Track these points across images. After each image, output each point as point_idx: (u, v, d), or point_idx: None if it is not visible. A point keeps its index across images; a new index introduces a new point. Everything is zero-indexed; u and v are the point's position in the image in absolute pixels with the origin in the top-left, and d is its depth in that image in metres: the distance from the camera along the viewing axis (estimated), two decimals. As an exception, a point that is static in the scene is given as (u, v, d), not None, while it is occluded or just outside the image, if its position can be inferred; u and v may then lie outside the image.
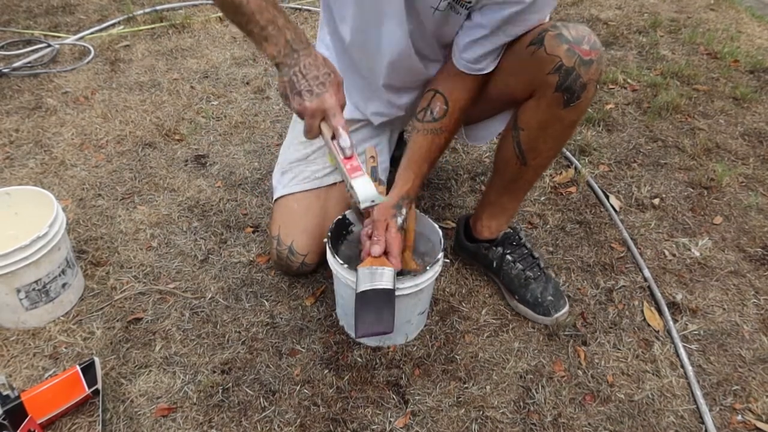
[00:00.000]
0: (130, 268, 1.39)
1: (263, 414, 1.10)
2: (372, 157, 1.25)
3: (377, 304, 1.06)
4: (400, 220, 1.16)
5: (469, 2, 1.08)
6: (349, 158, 0.99)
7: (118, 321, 1.26)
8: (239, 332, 1.25)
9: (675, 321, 1.31)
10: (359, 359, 1.20)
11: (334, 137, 0.99)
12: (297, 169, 1.36)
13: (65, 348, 1.20)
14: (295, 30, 0.98)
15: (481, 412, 1.11)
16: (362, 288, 1.07)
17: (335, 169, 1.37)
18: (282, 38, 0.97)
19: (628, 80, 2.23)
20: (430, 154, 1.21)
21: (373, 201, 0.98)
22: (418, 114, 1.22)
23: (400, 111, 1.36)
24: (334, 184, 1.35)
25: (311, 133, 1.01)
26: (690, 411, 1.14)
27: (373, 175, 1.21)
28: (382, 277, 1.07)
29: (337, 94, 0.98)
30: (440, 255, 1.14)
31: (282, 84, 1.00)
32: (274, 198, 1.38)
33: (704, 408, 1.13)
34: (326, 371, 1.17)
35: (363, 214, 1.21)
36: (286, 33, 0.97)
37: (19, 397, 1.02)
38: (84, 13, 2.64)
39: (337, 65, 1.25)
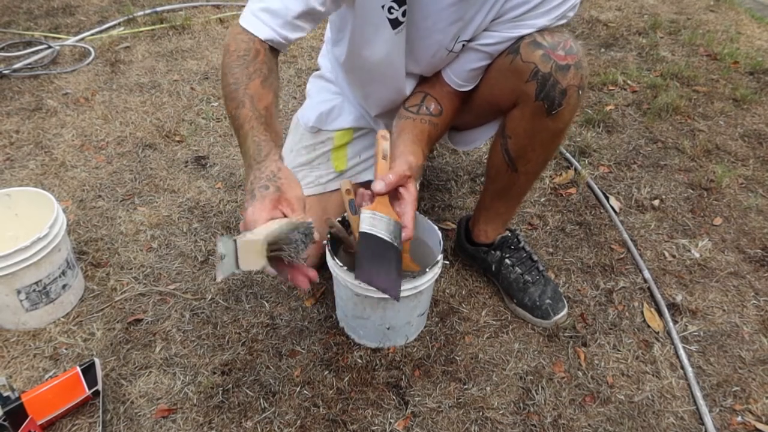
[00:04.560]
0: (131, 269, 1.39)
1: (263, 415, 1.10)
2: (348, 189, 1.15)
3: (382, 255, 0.98)
4: (417, 184, 1.08)
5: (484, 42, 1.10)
6: None
7: (118, 322, 1.26)
8: (239, 333, 1.25)
9: (675, 322, 1.31)
10: (359, 360, 1.20)
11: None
12: (301, 174, 1.36)
13: (65, 349, 1.20)
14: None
15: (481, 413, 1.11)
16: (364, 229, 0.98)
17: (339, 175, 1.38)
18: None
19: (628, 81, 2.23)
20: (430, 140, 1.18)
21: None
22: (411, 108, 1.20)
23: None
24: (337, 189, 1.35)
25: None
26: (690, 412, 1.14)
27: (351, 209, 1.14)
28: (381, 224, 0.98)
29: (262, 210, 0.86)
30: (439, 257, 1.14)
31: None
32: None
33: (704, 409, 1.13)
34: (326, 372, 1.18)
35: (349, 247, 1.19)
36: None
37: (19, 398, 1.01)
38: (84, 15, 2.64)
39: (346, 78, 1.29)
